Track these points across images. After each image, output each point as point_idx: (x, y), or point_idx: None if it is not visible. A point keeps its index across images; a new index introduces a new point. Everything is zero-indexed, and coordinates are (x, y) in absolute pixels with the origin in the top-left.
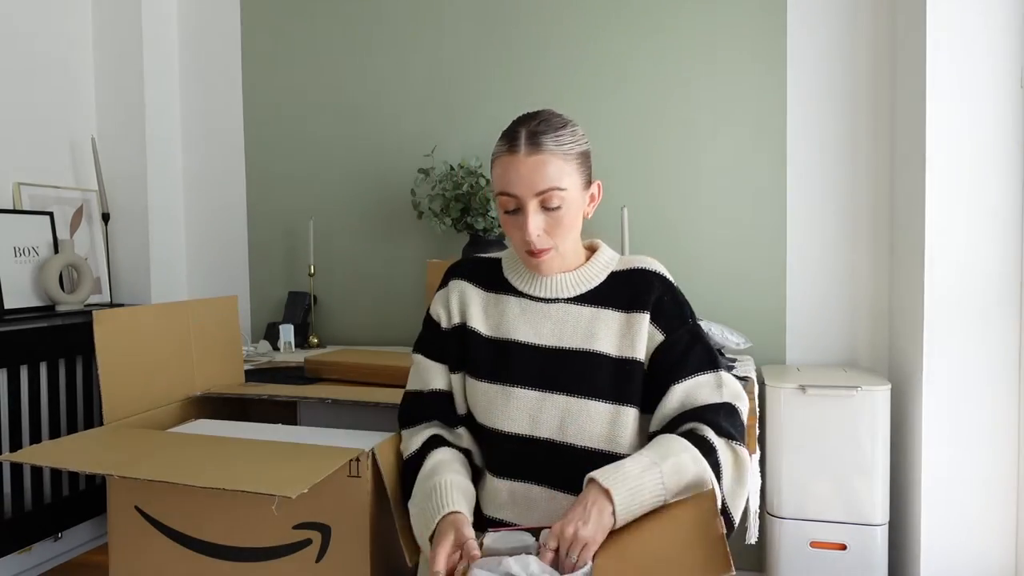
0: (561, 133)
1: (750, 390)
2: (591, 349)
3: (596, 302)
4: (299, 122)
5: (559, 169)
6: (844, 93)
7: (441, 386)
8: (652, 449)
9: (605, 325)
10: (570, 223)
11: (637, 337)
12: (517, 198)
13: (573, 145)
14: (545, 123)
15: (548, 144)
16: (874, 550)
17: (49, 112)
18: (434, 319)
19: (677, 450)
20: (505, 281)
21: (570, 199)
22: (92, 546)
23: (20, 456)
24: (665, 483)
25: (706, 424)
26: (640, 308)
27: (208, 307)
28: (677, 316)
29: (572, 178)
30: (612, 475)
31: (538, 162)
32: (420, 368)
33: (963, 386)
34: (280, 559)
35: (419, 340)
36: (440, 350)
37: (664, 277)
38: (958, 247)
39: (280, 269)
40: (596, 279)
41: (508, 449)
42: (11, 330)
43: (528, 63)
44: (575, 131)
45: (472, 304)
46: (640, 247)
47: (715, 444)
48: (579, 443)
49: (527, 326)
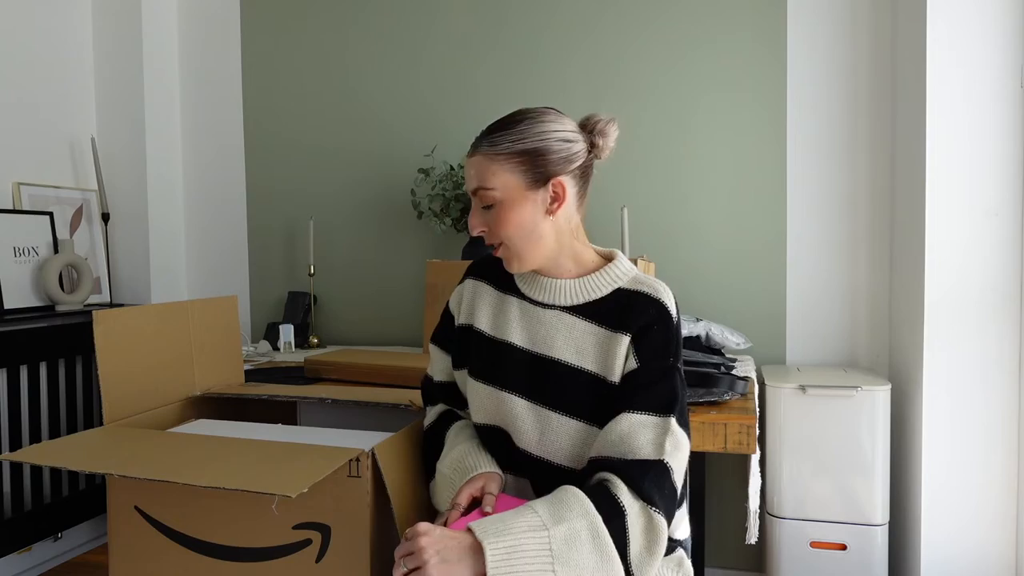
0: (502, 133)
1: (750, 390)
2: (577, 365)
3: (590, 316)
4: (299, 122)
5: (486, 169)
6: (844, 93)
7: (444, 379)
8: (548, 506)
9: (594, 342)
10: (514, 223)
11: (615, 359)
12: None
13: (512, 144)
14: (499, 123)
15: (482, 146)
16: (874, 550)
17: (49, 112)
18: (451, 311)
19: (576, 514)
20: (513, 282)
21: (503, 198)
22: (92, 546)
23: (20, 456)
24: (553, 550)
25: (625, 482)
26: (623, 330)
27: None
28: (659, 349)
29: (503, 177)
30: (491, 527)
31: (473, 162)
32: (432, 357)
33: (963, 386)
34: (280, 559)
35: (436, 329)
36: (449, 343)
37: (664, 307)
38: (958, 248)
39: (280, 269)
40: (599, 291)
41: (499, 451)
42: (11, 330)
43: (528, 63)
44: (526, 129)
45: (482, 303)
46: (640, 247)
47: (625, 508)
48: (553, 460)
49: (523, 330)
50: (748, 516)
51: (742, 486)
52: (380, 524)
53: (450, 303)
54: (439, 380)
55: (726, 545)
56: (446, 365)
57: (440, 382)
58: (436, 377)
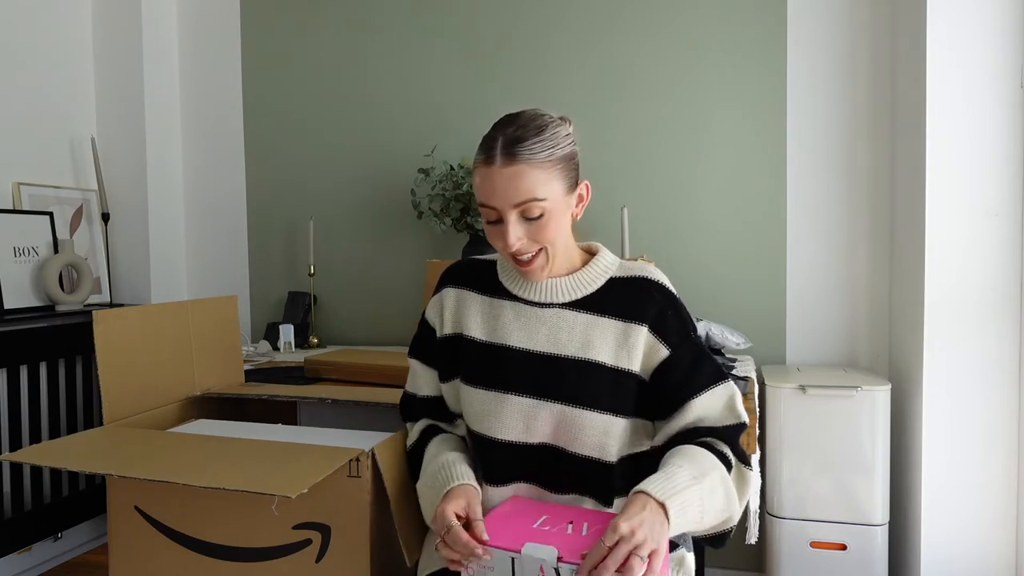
0: (538, 140)
1: (750, 390)
2: (588, 358)
3: (592, 309)
4: (299, 122)
5: (535, 179)
6: (844, 93)
7: (431, 393)
8: (690, 464)
9: (601, 333)
10: (556, 229)
11: (634, 349)
12: (496, 210)
13: (552, 151)
14: (523, 129)
15: (523, 154)
16: (874, 550)
17: (49, 112)
18: (430, 324)
19: (711, 466)
20: (500, 285)
21: (551, 207)
22: (92, 546)
23: (20, 456)
24: (703, 499)
25: (727, 443)
26: (638, 320)
27: (208, 307)
28: (680, 330)
29: (551, 185)
30: (665, 487)
31: (514, 173)
32: (413, 373)
33: (963, 386)
34: (280, 559)
35: (414, 342)
36: (432, 356)
37: (665, 288)
38: (958, 247)
39: (280, 269)
40: (593, 284)
41: (502, 456)
42: (11, 330)
43: (528, 63)
44: (555, 134)
45: (468, 311)
46: (640, 247)
47: (733, 464)
48: (571, 449)
49: (521, 331)
50: (748, 516)
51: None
52: (380, 524)
53: (428, 315)
54: (424, 395)
55: (726, 545)
56: (431, 379)
57: (425, 397)
58: (420, 392)
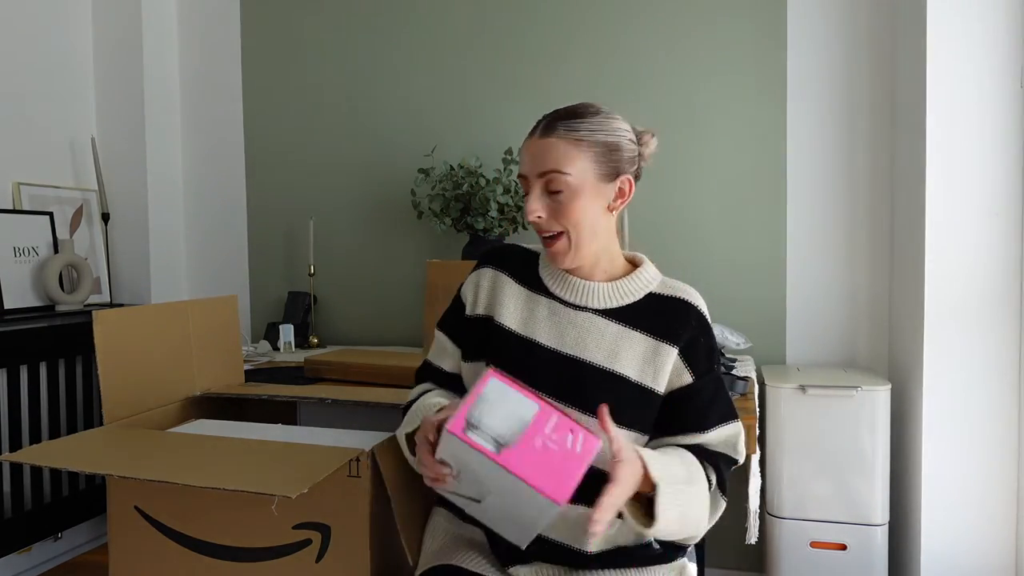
0: (581, 120)
1: (750, 390)
2: (614, 370)
3: (625, 320)
4: (299, 122)
5: (563, 153)
6: (844, 93)
7: (452, 370)
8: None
9: (630, 346)
10: (580, 211)
11: (661, 369)
12: (526, 179)
13: (592, 133)
14: (571, 110)
15: (560, 129)
16: (874, 550)
17: (49, 112)
18: (462, 299)
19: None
20: (539, 280)
21: (575, 185)
22: (92, 546)
23: (20, 456)
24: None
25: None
26: (671, 341)
27: (208, 307)
28: (707, 361)
29: (579, 164)
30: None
31: (546, 144)
32: (439, 345)
33: (963, 386)
34: (280, 559)
35: (445, 315)
36: (460, 333)
37: (703, 315)
38: (958, 247)
39: (280, 269)
40: (631, 296)
41: None
42: (11, 330)
43: (528, 63)
44: (604, 122)
45: (506, 297)
46: (640, 247)
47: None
48: None
49: (552, 330)
50: (748, 516)
51: (742, 486)
52: (380, 524)
53: (463, 290)
54: (446, 370)
55: (726, 545)
56: (455, 356)
57: (446, 372)
58: (443, 367)
